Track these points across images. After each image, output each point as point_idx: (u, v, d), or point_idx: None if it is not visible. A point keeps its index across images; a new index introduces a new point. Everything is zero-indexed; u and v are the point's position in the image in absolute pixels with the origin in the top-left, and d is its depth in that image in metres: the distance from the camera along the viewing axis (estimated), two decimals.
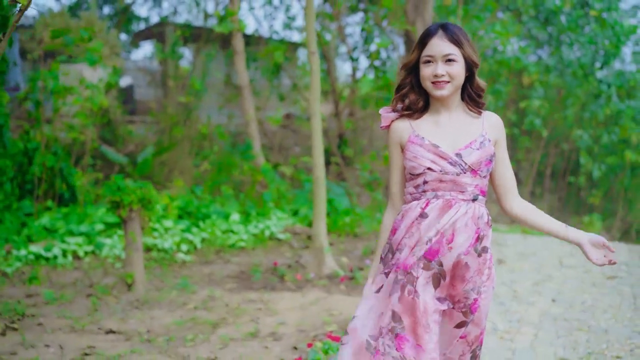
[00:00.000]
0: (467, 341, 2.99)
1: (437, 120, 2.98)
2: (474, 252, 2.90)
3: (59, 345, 5.39)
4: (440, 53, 2.85)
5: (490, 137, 2.98)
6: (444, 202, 2.91)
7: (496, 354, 5.29)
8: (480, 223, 2.93)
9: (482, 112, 3.02)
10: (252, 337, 5.64)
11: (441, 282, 2.90)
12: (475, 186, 2.94)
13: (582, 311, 6.63)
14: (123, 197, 7.07)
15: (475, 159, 2.91)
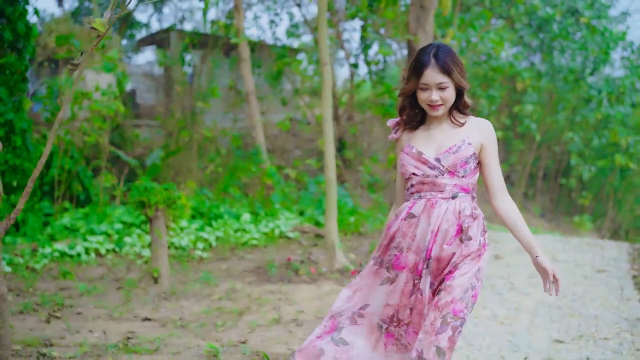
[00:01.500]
0: (438, 307, 3.23)
1: (429, 130, 3.45)
2: (458, 241, 3.32)
3: (102, 331, 5.96)
4: (433, 82, 3.29)
5: (472, 141, 3.37)
6: (427, 202, 3.36)
7: (497, 336, 5.89)
8: (462, 216, 3.33)
9: (472, 119, 3.47)
10: (276, 323, 6.23)
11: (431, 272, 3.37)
12: (454, 185, 3.35)
13: (573, 300, 7.24)
14: (150, 197, 7.65)
15: (451, 162, 3.33)
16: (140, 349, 5.36)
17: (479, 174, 3.48)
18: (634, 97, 18.69)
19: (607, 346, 5.67)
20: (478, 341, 5.76)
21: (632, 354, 5.45)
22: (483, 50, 17.35)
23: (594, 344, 5.74)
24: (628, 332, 6.07)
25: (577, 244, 10.95)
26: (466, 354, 5.42)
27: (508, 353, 5.45)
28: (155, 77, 21.48)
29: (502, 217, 3.42)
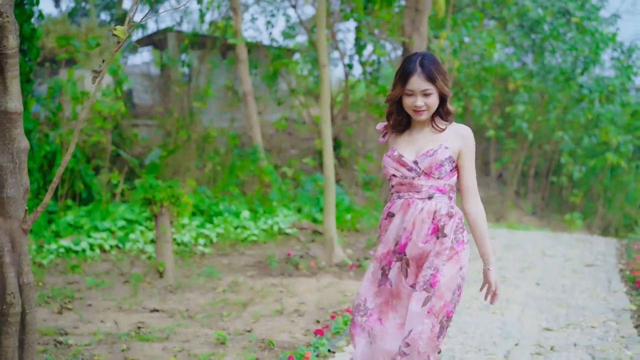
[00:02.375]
0: (434, 313, 3.45)
1: (411, 134, 3.65)
2: (435, 238, 3.50)
3: (114, 321, 6.25)
4: (418, 89, 3.48)
5: (450, 146, 3.56)
6: (404, 201, 3.57)
7: (489, 325, 6.21)
8: (438, 215, 3.51)
9: (453, 125, 3.67)
10: (279, 313, 6.53)
11: (408, 271, 3.59)
12: (430, 187, 3.54)
13: (562, 292, 7.56)
14: (155, 194, 7.93)
15: (427, 165, 3.52)
16: (152, 337, 5.65)
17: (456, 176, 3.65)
18: (623, 96, 19.02)
19: (594, 333, 5.98)
20: (471, 329, 6.07)
21: (617, 340, 5.76)
22: (475, 51, 17.68)
23: (581, 331, 6.06)
24: (614, 321, 6.38)
25: (567, 239, 11.28)
26: (460, 340, 5.73)
27: (500, 340, 5.77)
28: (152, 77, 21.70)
29: (469, 220, 3.62)
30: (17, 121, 3.99)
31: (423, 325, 3.44)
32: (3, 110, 3.94)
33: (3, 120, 3.96)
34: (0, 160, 3.99)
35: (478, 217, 3.60)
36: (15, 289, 4.01)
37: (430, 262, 3.50)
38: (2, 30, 3.88)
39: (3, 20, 3.86)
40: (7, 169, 3.99)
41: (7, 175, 4.00)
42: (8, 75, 3.94)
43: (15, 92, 3.97)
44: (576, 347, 5.59)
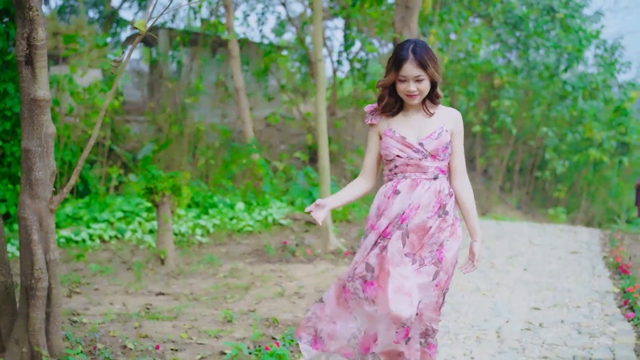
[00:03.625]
0: (440, 287, 3.72)
1: (407, 117, 3.78)
2: (437, 216, 3.69)
3: (122, 303, 6.53)
4: (411, 75, 3.63)
5: (448, 129, 3.75)
6: (411, 181, 3.71)
7: (480, 305, 6.54)
8: (442, 195, 3.71)
9: (442, 108, 3.82)
10: (280, 296, 6.84)
11: (406, 240, 3.76)
12: (436, 168, 3.72)
13: (549, 277, 7.90)
14: (157, 184, 8.21)
15: (434, 147, 3.70)
16: (161, 317, 5.95)
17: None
18: (606, 93, 19.42)
19: (579, 312, 6.33)
20: (464, 309, 6.40)
21: (602, 318, 6.11)
22: (462, 48, 18.03)
23: (567, 310, 6.40)
24: (598, 302, 6.73)
25: (552, 230, 11.65)
26: (454, 318, 6.06)
27: (491, 318, 6.10)
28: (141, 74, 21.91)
29: (460, 197, 3.80)
30: (45, 108, 4.27)
31: (430, 298, 3.69)
32: (32, 98, 4.24)
33: (32, 107, 4.25)
34: (29, 144, 4.28)
35: (469, 194, 3.82)
36: (42, 265, 4.30)
37: (435, 238, 3.69)
38: (32, 24, 4.17)
39: (33, 14, 4.15)
40: (36, 153, 4.28)
41: (36, 159, 4.29)
42: (37, 65, 4.23)
43: (44, 81, 4.26)
44: (563, 323, 5.93)
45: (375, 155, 3.89)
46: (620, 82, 20.80)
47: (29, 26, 4.18)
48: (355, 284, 3.75)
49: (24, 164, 4.31)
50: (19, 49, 4.20)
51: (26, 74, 4.25)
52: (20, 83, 4.27)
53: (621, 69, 19.82)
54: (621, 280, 7.63)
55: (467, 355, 5.04)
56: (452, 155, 3.80)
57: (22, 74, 4.26)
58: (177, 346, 5.10)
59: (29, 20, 4.17)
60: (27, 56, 4.22)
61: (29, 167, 4.29)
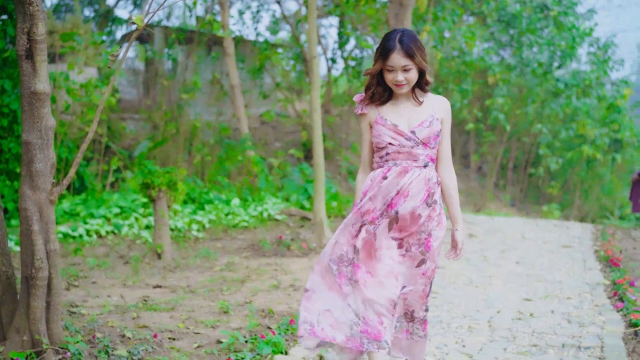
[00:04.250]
0: (427, 275, 3.77)
1: (397, 106, 3.78)
2: (425, 205, 3.70)
3: (120, 295, 6.62)
4: (398, 65, 3.64)
5: (439, 117, 3.77)
6: (402, 168, 3.71)
7: (473, 297, 6.65)
8: (430, 183, 3.72)
9: (432, 96, 3.83)
10: (275, 288, 6.93)
11: (394, 225, 3.71)
12: (426, 155, 3.74)
13: (541, 270, 8.02)
14: (153, 179, 8.31)
15: (425, 135, 3.71)
16: (159, 308, 6.04)
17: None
18: (599, 90, 19.55)
19: (570, 303, 6.44)
20: (457, 300, 6.51)
21: (592, 308, 6.22)
22: (456, 46, 18.14)
23: (558, 301, 6.52)
24: (589, 294, 6.85)
25: (545, 225, 11.78)
26: (447, 309, 6.17)
27: (483, 308, 6.21)
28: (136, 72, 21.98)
29: (444, 185, 3.82)
30: (45, 101, 4.36)
31: (417, 286, 3.76)
32: (33, 91, 4.32)
33: (32, 100, 4.33)
34: (30, 137, 4.37)
35: (452, 183, 3.83)
36: (43, 255, 4.39)
37: (425, 227, 3.73)
38: (32, 19, 4.26)
39: (34, 9, 4.24)
40: (36, 145, 4.37)
41: (36, 151, 4.38)
42: (37, 59, 4.31)
43: (44, 75, 4.35)
44: (553, 313, 6.04)
45: (371, 146, 3.90)
46: (613, 79, 20.94)
47: (30, 21, 4.27)
48: (348, 268, 3.75)
49: (24, 156, 4.40)
50: (19, 44, 4.29)
51: (26, 68, 4.33)
52: (20, 77, 4.36)
53: (614, 66, 19.96)
54: (612, 272, 7.75)
55: (458, 343, 5.14)
56: (440, 143, 3.82)
57: (22, 68, 4.34)
58: (174, 335, 5.20)
59: (30, 15, 4.25)
60: (28, 51, 4.31)
61: (30, 159, 4.38)
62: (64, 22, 19.64)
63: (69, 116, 12.83)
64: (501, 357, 4.82)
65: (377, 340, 3.64)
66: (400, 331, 3.91)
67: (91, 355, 4.48)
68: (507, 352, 4.93)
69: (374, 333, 3.64)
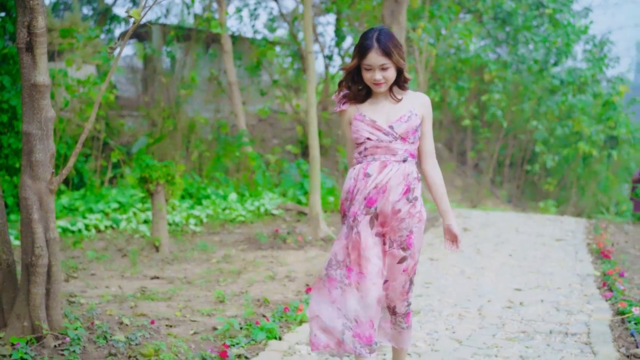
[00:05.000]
0: (407, 272, 3.77)
1: (376, 102, 3.77)
2: (405, 200, 3.69)
3: (118, 286, 6.74)
4: (376, 64, 3.63)
5: (418, 113, 3.75)
6: (381, 163, 3.70)
7: (465, 287, 6.78)
8: (410, 178, 3.70)
9: (411, 93, 3.83)
10: (271, 279, 7.06)
11: (375, 222, 3.70)
12: (405, 150, 3.72)
13: (533, 262, 8.15)
14: (151, 173, 8.43)
15: (404, 130, 3.70)
16: (156, 297, 6.17)
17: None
18: (595, 87, 19.68)
19: (559, 292, 6.57)
20: (449, 290, 6.64)
21: (580, 298, 6.35)
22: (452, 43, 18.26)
23: (548, 291, 6.64)
24: (578, 284, 6.97)
25: (539, 219, 11.91)
26: (438, 298, 6.30)
27: (474, 298, 6.34)
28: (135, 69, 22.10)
29: (428, 180, 3.84)
30: (45, 93, 4.48)
31: (398, 282, 3.78)
32: (33, 84, 4.43)
33: (33, 92, 4.45)
34: (30, 128, 4.48)
35: (438, 178, 3.83)
36: (42, 243, 4.50)
37: (406, 224, 3.72)
38: (32, 12, 4.37)
39: (34, 3, 4.36)
40: (36, 136, 4.48)
41: (36, 141, 4.49)
42: (37, 52, 4.43)
43: (44, 67, 4.46)
44: (543, 302, 6.17)
45: (353, 144, 3.88)
46: (609, 76, 21.07)
47: (30, 15, 4.38)
48: (341, 272, 3.76)
49: (24, 146, 4.51)
50: (20, 37, 4.40)
51: (27, 60, 4.44)
52: (21, 69, 4.47)
53: (609, 63, 20.09)
54: (602, 264, 7.88)
55: (449, 330, 5.27)
56: (421, 138, 3.82)
57: (22, 61, 4.45)
58: (171, 323, 5.33)
59: (30, 9, 4.37)
60: (28, 44, 4.42)
61: (30, 149, 4.49)
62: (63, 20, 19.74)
63: (67, 113, 12.93)
64: (490, 342, 4.95)
65: (369, 344, 3.67)
66: (385, 320, 3.93)
67: (90, 340, 4.60)
68: (496, 338, 5.06)
69: (366, 336, 3.67)
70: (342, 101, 3.86)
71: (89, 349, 4.49)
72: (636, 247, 9.15)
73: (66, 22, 17.89)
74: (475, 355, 4.69)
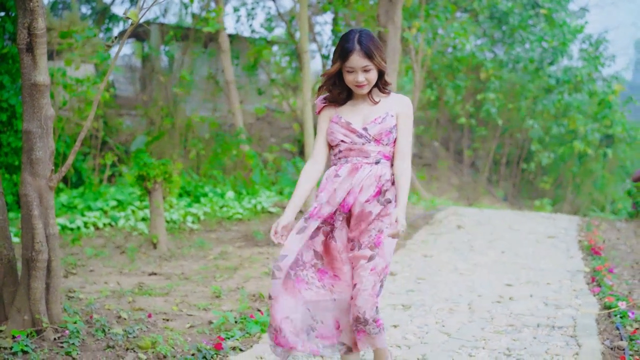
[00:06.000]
0: (376, 272, 3.66)
1: (355, 104, 3.80)
2: (376, 202, 3.69)
3: (117, 282, 6.87)
4: (358, 66, 3.63)
5: (394, 113, 3.75)
6: (352, 165, 3.72)
7: (457, 283, 6.90)
8: (382, 180, 3.71)
9: (393, 95, 3.83)
10: (267, 275, 7.18)
11: (348, 225, 3.75)
12: (378, 152, 3.73)
13: (525, 258, 8.28)
14: (149, 171, 8.55)
15: (377, 131, 3.71)
16: (154, 293, 6.29)
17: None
18: (590, 86, 19.82)
19: (549, 288, 6.70)
20: (441, 286, 6.77)
21: (570, 293, 6.48)
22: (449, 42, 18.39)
23: (538, 287, 6.77)
24: (568, 280, 7.10)
25: (533, 217, 12.04)
26: (431, 294, 6.42)
27: (465, 293, 6.47)
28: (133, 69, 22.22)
29: (395, 177, 3.73)
30: (44, 92, 4.60)
31: (364, 283, 3.65)
32: (33, 83, 4.56)
33: (33, 91, 4.57)
34: (30, 126, 4.61)
35: (403, 175, 3.70)
36: (42, 239, 4.63)
37: (376, 224, 3.71)
38: (32, 14, 4.49)
39: (34, 5, 4.48)
40: (36, 134, 4.61)
41: (36, 140, 4.61)
42: (37, 52, 4.55)
43: (44, 67, 4.59)
44: (532, 297, 6.31)
45: (325, 138, 3.87)
46: (605, 75, 21.21)
47: (30, 16, 4.50)
48: (308, 272, 3.74)
49: (25, 144, 4.63)
50: (20, 38, 4.53)
51: (27, 60, 4.57)
52: (21, 69, 4.59)
53: (605, 62, 20.23)
54: (592, 261, 8.00)
55: (439, 324, 5.40)
56: (398, 138, 3.79)
57: (23, 61, 4.57)
58: (168, 317, 5.46)
59: (30, 10, 4.49)
60: (28, 44, 4.54)
61: (30, 147, 4.61)
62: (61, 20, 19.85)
63: (66, 112, 13.05)
64: (478, 335, 5.08)
65: (332, 345, 3.75)
66: (357, 332, 3.71)
67: (89, 333, 4.72)
68: (484, 331, 5.19)
69: (329, 337, 3.74)
70: (323, 103, 3.89)
71: (87, 341, 4.62)
72: (627, 243, 9.28)
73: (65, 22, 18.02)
74: (463, 347, 4.82)
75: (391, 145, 3.78)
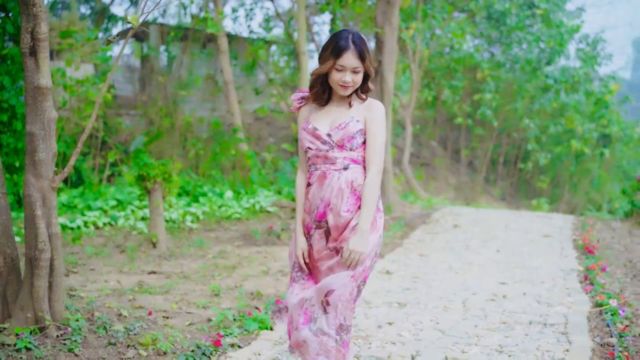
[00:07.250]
0: (355, 278, 3.61)
1: (329, 108, 3.72)
2: (357, 209, 3.61)
3: (117, 280, 6.98)
4: (350, 66, 3.55)
5: (360, 118, 3.64)
6: (320, 173, 3.65)
7: (451, 281, 7.02)
8: (355, 184, 3.62)
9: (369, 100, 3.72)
10: (265, 274, 7.30)
11: (329, 237, 3.66)
12: (344, 158, 3.62)
13: (520, 257, 8.39)
14: (149, 171, 8.66)
15: (339, 137, 3.60)
16: (154, 291, 6.41)
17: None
18: (587, 86, 19.94)
19: (543, 286, 6.82)
20: (436, 284, 6.88)
21: (563, 291, 6.60)
22: (446, 43, 18.51)
23: (531, 285, 6.89)
24: (562, 279, 7.22)
25: (529, 216, 12.16)
26: (425, 292, 6.54)
27: (459, 291, 6.59)
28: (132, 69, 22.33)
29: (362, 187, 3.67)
30: (47, 95, 4.71)
31: (344, 289, 3.60)
32: (36, 86, 4.66)
33: (36, 94, 4.68)
34: (33, 128, 4.71)
35: (366, 187, 3.60)
36: (45, 238, 4.74)
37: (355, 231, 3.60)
38: (35, 19, 4.60)
39: (37, 10, 4.58)
40: (39, 136, 4.72)
41: (39, 141, 4.72)
42: (40, 56, 4.66)
43: (46, 71, 4.69)
44: (525, 295, 6.42)
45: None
46: (602, 75, 21.33)
47: (33, 21, 4.61)
48: (299, 274, 3.80)
49: (28, 146, 4.74)
50: (23, 42, 4.63)
51: (30, 64, 4.67)
52: (24, 73, 4.69)
53: (602, 62, 20.35)
54: (586, 259, 8.12)
55: (433, 321, 5.52)
56: (366, 144, 3.68)
57: (26, 65, 4.68)
58: (168, 314, 5.57)
59: (33, 15, 4.59)
60: (31, 48, 4.65)
61: (33, 149, 4.72)
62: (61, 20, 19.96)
63: (65, 112, 13.16)
64: (471, 332, 5.20)
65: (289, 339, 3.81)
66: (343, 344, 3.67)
67: (90, 331, 4.83)
68: (478, 329, 5.31)
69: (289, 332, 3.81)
70: (300, 102, 3.85)
71: (89, 338, 4.73)
72: (622, 242, 9.40)
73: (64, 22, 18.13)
74: (456, 344, 4.94)
75: (358, 149, 3.66)
